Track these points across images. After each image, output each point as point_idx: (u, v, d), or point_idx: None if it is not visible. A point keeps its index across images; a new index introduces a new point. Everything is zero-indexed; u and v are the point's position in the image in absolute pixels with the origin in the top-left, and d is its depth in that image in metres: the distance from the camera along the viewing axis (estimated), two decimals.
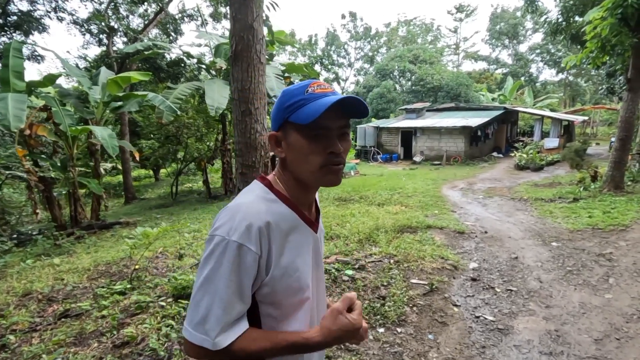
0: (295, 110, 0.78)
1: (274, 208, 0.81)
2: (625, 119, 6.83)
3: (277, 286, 0.80)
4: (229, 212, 0.78)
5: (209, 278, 0.73)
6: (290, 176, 0.85)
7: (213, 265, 0.74)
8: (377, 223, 5.85)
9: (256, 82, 2.94)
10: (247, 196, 0.83)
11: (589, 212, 5.81)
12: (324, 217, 6.99)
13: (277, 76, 10.26)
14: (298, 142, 0.79)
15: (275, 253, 0.78)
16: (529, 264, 3.96)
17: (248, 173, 3.15)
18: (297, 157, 0.81)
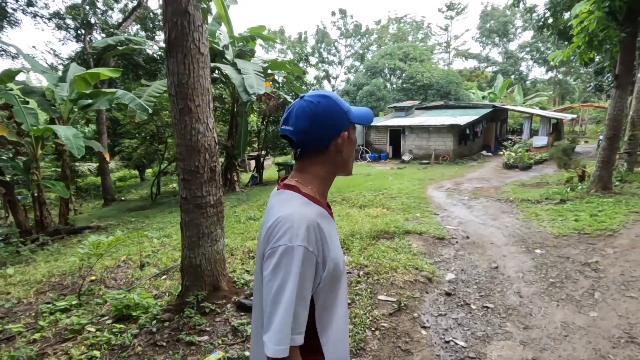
0: (349, 112, 0.94)
1: (315, 210, 0.89)
2: (613, 116, 6.58)
3: (328, 279, 0.87)
4: (285, 223, 0.81)
5: (280, 289, 0.78)
6: (315, 176, 0.95)
7: (283, 275, 0.78)
8: (354, 228, 5.51)
9: (196, 75, 2.56)
10: (292, 204, 0.87)
11: (576, 214, 5.54)
12: None
13: (258, 73, 9.85)
14: (355, 137, 0.96)
15: (326, 251, 0.85)
16: (510, 274, 3.65)
17: (191, 179, 2.78)
18: (352, 149, 0.96)
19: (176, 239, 6.60)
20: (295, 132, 0.89)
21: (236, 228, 6.78)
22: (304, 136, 0.89)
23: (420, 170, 14.45)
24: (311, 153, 0.92)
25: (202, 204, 2.83)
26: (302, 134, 0.89)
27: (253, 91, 9.27)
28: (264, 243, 0.85)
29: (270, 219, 0.86)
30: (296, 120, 0.89)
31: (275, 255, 0.80)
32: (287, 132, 0.91)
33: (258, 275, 0.94)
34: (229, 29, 11.30)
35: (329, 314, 0.90)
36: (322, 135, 0.90)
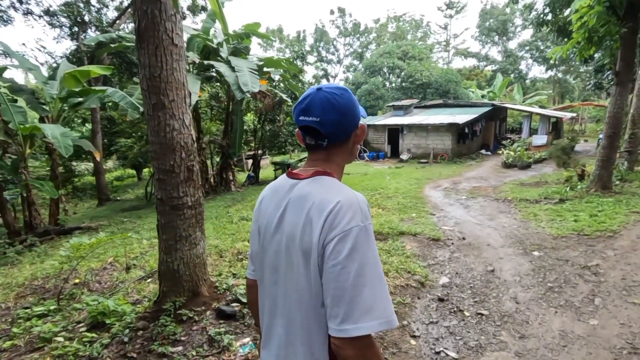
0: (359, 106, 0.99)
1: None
2: (613, 114, 6.42)
3: None
4: (352, 205, 0.80)
5: (362, 269, 0.75)
6: (338, 165, 0.97)
7: (362, 256, 0.75)
8: None
9: (169, 68, 2.40)
10: (342, 188, 0.87)
11: (575, 215, 5.38)
12: None
13: (252, 71, 9.69)
14: (365, 129, 1.01)
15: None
16: (506, 278, 3.49)
17: (167, 179, 2.61)
18: (361, 141, 1.01)
19: None
20: (322, 123, 0.89)
21: (228, 229, 6.62)
22: (334, 127, 0.90)
23: (418, 170, 14.29)
24: (336, 143, 0.94)
25: (178, 205, 2.67)
26: (332, 125, 0.89)
27: (247, 89, 9.10)
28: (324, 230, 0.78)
29: (323, 205, 0.80)
30: (323, 111, 0.88)
31: (349, 238, 0.76)
32: (311, 123, 0.89)
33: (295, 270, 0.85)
34: (223, 27, 11.13)
35: None
36: (347, 127, 0.93)
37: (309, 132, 0.91)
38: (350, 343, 0.73)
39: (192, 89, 9.16)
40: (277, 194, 0.95)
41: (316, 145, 0.92)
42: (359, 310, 0.73)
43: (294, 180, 0.93)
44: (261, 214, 1.00)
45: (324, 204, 0.80)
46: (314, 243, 0.79)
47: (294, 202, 0.87)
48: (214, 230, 6.60)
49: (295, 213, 0.85)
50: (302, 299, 0.83)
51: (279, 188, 0.96)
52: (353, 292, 0.74)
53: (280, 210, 0.90)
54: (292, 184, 0.92)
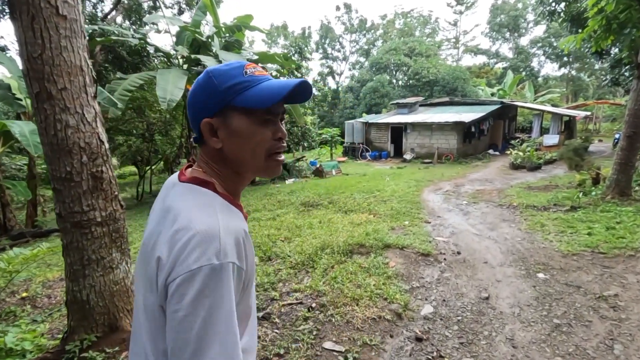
0: (241, 92, 0.69)
1: (236, 215, 0.72)
2: (634, 112, 5.70)
3: (248, 293, 0.72)
4: (205, 236, 0.61)
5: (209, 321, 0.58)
6: (231, 171, 0.75)
7: (210, 305, 0.58)
8: (328, 239, 4.77)
9: (55, 47, 1.84)
10: (210, 210, 0.66)
11: (589, 226, 4.71)
12: (274, 229, 5.93)
13: None
14: (247, 129, 0.70)
15: (251, 263, 0.70)
16: (503, 309, 2.87)
17: (64, 190, 2.07)
18: (243, 145, 0.71)
19: (138, 247, 5.95)
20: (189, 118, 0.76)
21: None
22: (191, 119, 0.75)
23: (421, 170, 13.61)
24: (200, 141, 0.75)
25: (82, 222, 2.12)
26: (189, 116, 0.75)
27: None
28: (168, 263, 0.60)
29: (176, 231, 0.62)
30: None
31: (195, 280, 0.58)
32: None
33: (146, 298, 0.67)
34: (214, 19, 10.62)
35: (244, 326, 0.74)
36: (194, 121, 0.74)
37: None
38: None
39: (178, 84, 8.67)
40: (160, 194, 0.78)
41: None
42: None
43: (174, 180, 0.76)
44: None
45: (177, 230, 0.62)
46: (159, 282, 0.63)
47: (158, 212, 0.72)
48: None
49: (157, 228, 0.68)
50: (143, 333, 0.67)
51: (164, 187, 0.79)
52: (197, 345, 0.57)
53: (152, 220, 0.74)
54: (172, 184, 0.76)
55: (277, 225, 6.20)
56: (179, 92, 8.43)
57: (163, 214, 0.69)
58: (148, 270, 0.66)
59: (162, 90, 8.23)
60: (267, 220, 6.70)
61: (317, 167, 13.21)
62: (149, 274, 0.66)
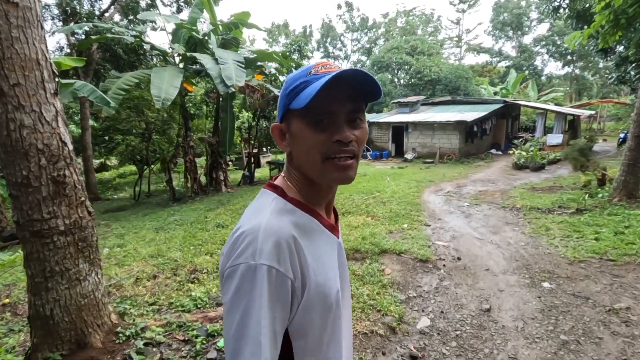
0: (296, 95, 0.67)
1: (295, 219, 0.70)
2: None
3: (311, 311, 0.67)
4: (247, 235, 0.63)
5: (244, 321, 0.59)
6: (302, 176, 0.73)
7: (244, 303, 0.60)
8: None
9: (4, 38, 1.65)
10: (263, 211, 0.68)
11: (596, 231, 4.49)
12: None
13: (238, 64, 8.95)
14: (300, 132, 0.68)
15: (306, 272, 0.66)
16: (506, 323, 2.66)
17: (21, 196, 1.88)
18: (300, 149, 0.70)
19: (128, 249, 5.79)
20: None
21: (197, 238, 5.92)
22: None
23: (422, 170, 13.39)
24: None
25: (43, 231, 1.93)
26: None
27: (231, 83, 8.39)
28: (222, 260, 0.67)
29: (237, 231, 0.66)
30: None
31: (234, 276, 0.61)
32: None
33: None
34: (211, 16, 10.44)
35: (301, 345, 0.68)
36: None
37: None
38: None
39: (173, 83, 8.50)
40: None
41: None
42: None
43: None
44: None
45: (236, 227, 0.67)
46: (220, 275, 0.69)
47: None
48: (182, 239, 5.91)
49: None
50: None
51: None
52: (235, 345, 0.60)
53: None
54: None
55: None
56: (174, 91, 8.26)
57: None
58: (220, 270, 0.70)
59: (157, 89, 8.06)
60: None
61: None
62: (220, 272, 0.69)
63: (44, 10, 13.90)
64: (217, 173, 11.83)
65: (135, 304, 3.40)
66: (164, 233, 6.65)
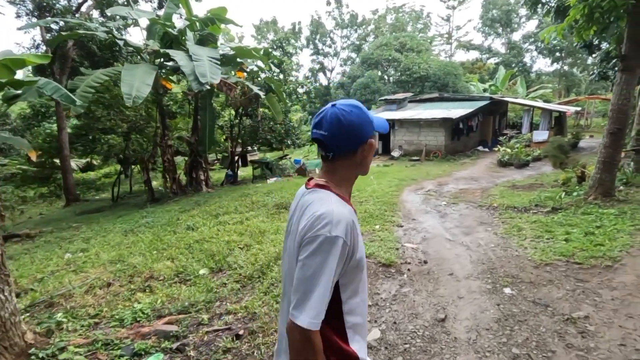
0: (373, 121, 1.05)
1: (348, 209, 1.00)
2: (617, 107, 5.34)
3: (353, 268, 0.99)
4: (326, 216, 0.91)
5: (317, 271, 0.89)
6: (343, 178, 1.06)
7: (320, 260, 0.89)
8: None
9: None
10: (330, 202, 0.97)
11: (567, 231, 4.36)
12: (237, 234, 5.55)
13: (213, 60, 8.69)
14: (375, 144, 1.07)
15: (356, 245, 0.97)
16: (459, 334, 2.50)
17: None
18: (369, 156, 1.06)
19: (90, 254, 5.54)
20: (329, 137, 0.98)
21: (164, 241, 5.70)
22: (338, 142, 0.99)
23: (408, 168, 13.26)
24: (341, 157, 1.02)
25: None
26: (337, 139, 0.98)
27: (206, 80, 8.13)
28: (303, 232, 0.93)
29: (310, 213, 0.95)
30: (330, 126, 0.97)
31: (315, 242, 0.89)
32: (319, 136, 0.99)
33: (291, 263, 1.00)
34: (187, 11, 10.13)
35: (354, 300, 1.03)
36: (353, 142, 1.00)
37: (319, 145, 1.02)
38: (296, 328, 0.88)
39: (145, 80, 8.23)
40: (295, 200, 1.12)
41: (325, 156, 1.03)
42: (306, 304, 0.88)
43: (304, 189, 1.08)
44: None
45: (308, 213, 0.96)
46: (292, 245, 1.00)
47: (299, 209, 1.04)
48: (148, 243, 5.68)
49: (298, 218, 1.01)
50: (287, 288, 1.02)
51: (297, 195, 1.12)
52: (307, 286, 0.89)
53: (294, 215, 1.06)
54: (303, 192, 1.08)
55: (242, 230, 5.81)
56: (146, 89, 7.99)
57: (301, 209, 1.01)
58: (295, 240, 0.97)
59: (127, 86, 7.79)
60: (234, 224, 6.32)
61: (300, 166, 12.82)
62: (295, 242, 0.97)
63: (18, 5, 13.46)
64: (197, 172, 11.56)
65: (75, 316, 3.19)
66: (132, 236, 6.41)
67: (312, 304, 0.86)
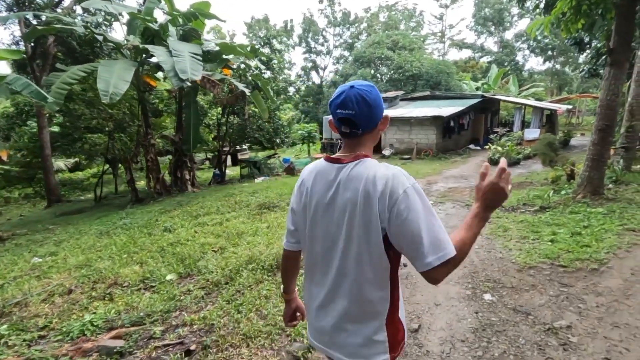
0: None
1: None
2: (606, 103, 5.18)
3: None
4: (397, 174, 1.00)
5: (428, 211, 0.97)
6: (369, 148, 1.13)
7: (420, 205, 0.96)
8: (262, 251, 4.16)
9: None
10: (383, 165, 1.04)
11: (554, 231, 4.18)
12: (213, 236, 5.32)
13: (195, 56, 8.42)
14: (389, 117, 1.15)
15: None
16: (431, 347, 2.29)
17: None
18: (384, 128, 1.13)
19: (56, 260, 5.25)
20: (358, 115, 1.03)
21: (137, 244, 5.45)
22: (366, 118, 1.05)
23: (398, 167, 13.08)
24: (367, 131, 1.08)
25: None
26: (365, 116, 1.04)
27: (186, 77, 7.87)
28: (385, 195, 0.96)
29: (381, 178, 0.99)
30: (357, 105, 1.03)
31: (408, 196, 0.95)
32: (347, 115, 1.04)
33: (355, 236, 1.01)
34: (169, 6, 9.84)
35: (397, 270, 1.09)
36: (376, 117, 1.08)
37: (345, 123, 1.06)
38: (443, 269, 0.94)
39: (124, 76, 7.94)
40: (323, 176, 1.11)
41: (351, 133, 1.07)
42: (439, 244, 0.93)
43: (339, 164, 1.08)
44: (310, 194, 1.12)
45: (378, 180, 0.98)
46: (375, 212, 0.97)
47: (346, 182, 1.04)
48: (120, 246, 5.42)
49: (350, 190, 1.02)
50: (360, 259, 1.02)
51: (324, 171, 1.11)
52: (430, 230, 0.94)
53: (332, 190, 1.07)
54: (338, 167, 1.08)
55: (220, 231, 5.58)
56: (124, 85, 7.70)
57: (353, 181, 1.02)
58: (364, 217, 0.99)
59: (104, 82, 7.50)
60: (213, 226, 6.08)
61: (289, 165, 12.58)
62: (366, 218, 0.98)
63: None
64: (182, 172, 11.27)
65: (22, 329, 2.93)
66: (106, 238, 6.14)
67: (443, 238, 0.93)
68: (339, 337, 1.07)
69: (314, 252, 1.12)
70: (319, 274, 1.12)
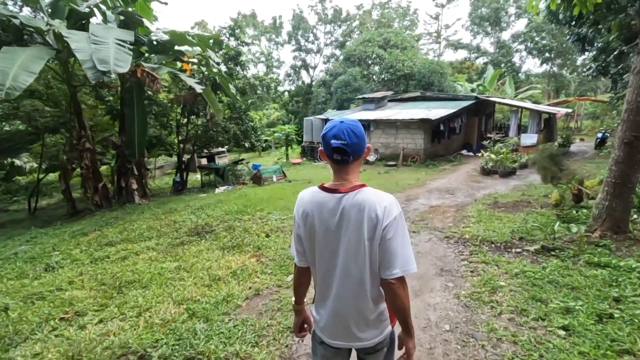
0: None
1: None
2: (636, 106, 3.72)
3: None
4: (390, 202, 1.28)
5: (404, 237, 1.28)
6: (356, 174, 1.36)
7: (401, 229, 1.27)
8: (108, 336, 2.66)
9: None
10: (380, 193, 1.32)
11: (566, 305, 2.69)
12: (96, 282, 3.81)
13: (123, 44, 6.89)
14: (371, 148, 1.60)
15: None
16: None
17: None
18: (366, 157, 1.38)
19: None
20: (350, 145, 1.25)
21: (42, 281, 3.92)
22: (357, 148, 1.28)
23: (380, 176, 11.59)
24: (356, 159, 1.32)
25: None
26: (355, 146, 1.27)
27: (107, 68, 6.36)
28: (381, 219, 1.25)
29: (380, 205, 1.26)
30: (349, 137, 1.25)
31: (396, 220, 1.26)
32: (341, 145, 1.25)
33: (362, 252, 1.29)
34: None
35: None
36: (363, 147, 1.31)
37: (338, 152, 1.27)
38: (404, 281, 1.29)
39: (29, 67, 6.39)
40: (325, 206, 1.32)
41: (342, 160, 1.29)
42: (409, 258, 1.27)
43: (339, 194, 1.31)
44: (315, 221, 1.34)
45: (378, 206, 1.25)
46: (378, 230, 1.25)
47: (350, 209, 1.28)
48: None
49: (355, 215, 1.27)
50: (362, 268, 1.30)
51: (325, 201, 1.33)
52: (403, 249, 1.26)
53: (337, 216, 1.29)
54: (339, 196, 1.30)
55: (109, 276, 4.07)
56: (28, 78, 6.15)
57: (356, 208, 1.27)
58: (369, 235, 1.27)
59: (1, 74, 5.97)
60: (112, 262, 4.60)
61: (255, 173, 11.06)
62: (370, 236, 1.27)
63: None
64: (128, 181, 9.73)
65: None
66: None
67: (411, 257, 1.27)
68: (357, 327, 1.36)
69: (321, 266, 1.37)
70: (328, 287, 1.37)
